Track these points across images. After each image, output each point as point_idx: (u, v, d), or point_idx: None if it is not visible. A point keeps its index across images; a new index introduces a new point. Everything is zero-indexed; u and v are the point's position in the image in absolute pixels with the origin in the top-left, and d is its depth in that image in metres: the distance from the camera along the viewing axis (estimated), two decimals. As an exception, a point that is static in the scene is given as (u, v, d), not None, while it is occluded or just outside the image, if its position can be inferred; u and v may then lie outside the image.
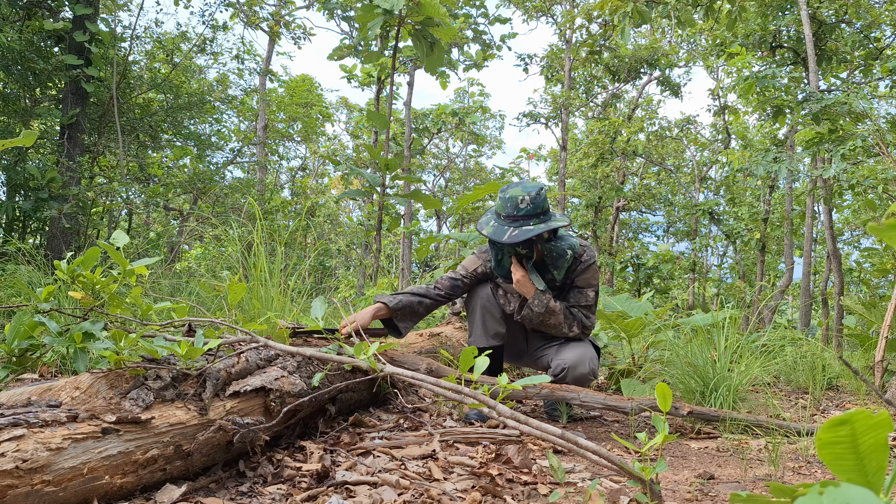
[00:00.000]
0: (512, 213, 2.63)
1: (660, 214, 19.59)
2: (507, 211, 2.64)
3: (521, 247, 2.69)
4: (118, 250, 1.94)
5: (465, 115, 18.37)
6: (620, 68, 13.62)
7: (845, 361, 1.83)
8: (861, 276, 12.45)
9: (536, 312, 2.73)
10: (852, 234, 17.48)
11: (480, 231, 2.67)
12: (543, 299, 2.72)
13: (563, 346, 2.85)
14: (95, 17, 7.03)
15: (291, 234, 9.70)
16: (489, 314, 2.82)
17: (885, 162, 6.31)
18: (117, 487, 1.40)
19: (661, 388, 1.50)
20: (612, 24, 11.55)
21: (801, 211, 12.10)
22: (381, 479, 1.66)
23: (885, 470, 0.67)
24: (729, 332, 3.27)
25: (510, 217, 2.63)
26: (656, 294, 13.26)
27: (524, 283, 2.72)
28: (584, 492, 1.70)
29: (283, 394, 1.88)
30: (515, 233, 2.60)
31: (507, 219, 2.64)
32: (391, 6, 5.57)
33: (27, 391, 1.49)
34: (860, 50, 9.16)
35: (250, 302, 3.06)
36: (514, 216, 2.63)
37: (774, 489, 0.69)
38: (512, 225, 2.62)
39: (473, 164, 24.76)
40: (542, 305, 2.72)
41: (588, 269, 2.80)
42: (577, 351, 2.77)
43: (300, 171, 22.47)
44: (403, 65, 13.54)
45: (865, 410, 0.65)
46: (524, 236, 2.58)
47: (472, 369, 1.74)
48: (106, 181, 7.86)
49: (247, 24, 11.87)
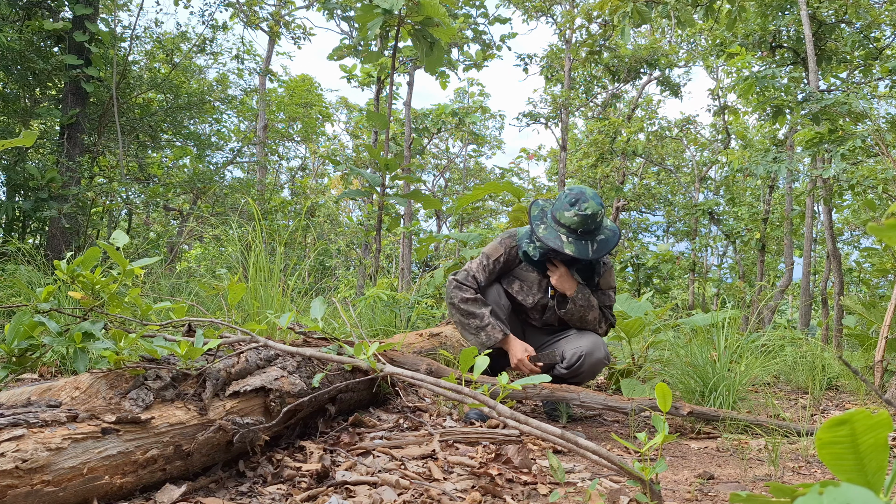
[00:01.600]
0: (590, 228, 2.64)
1: (660, 214, 19.60)
2: (587, 227, 2.63)
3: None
4: (118, 250, 1.94)
5: (464, 115, 18.36)
6: (620, 68, 13.62)
7: (845, 361, 1.83)
8: (861, 276, 12.45)
9: (580, 306, 2.80)
10: (852, 234, 17.47)
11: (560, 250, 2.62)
12: (586, 293, 2.81)
13: (571, 336, 2.87)
14: (95, 17, 7.03)
15: (291, 234, 9.70)
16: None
17: (885, 162, 6.31)
18: (117, 487, 1.40)
19: (661, 388, 1.50)
20: (611, 24, 11.55)
21: (801, 211, 12.10)
22: (381, 479, 1.66)
23: (885, 470, 0.67)
24: (729, 332, 3.27)
25: (588, 232, 2.65)
26: (656, 294, 13.25)
27: (566, 279, 2.77)
28: (584, 492, 1.70)
29: (282, 394, 1.88)
30: (596, 247, 2.65)
31: (584, 234, 2.65)
32: (391, 6, 5.57)
33: (27, 391, 1.49)
34: (860, 50, 9.16)
35: (250, 302, 3.06)
36: (592, 230, 2.65)
37: (774, 489, 0.69)
38: (589, 238, 2.66)
39: (473, 164, 24.76)
40: (585, 299, 2.80)
41: (609, 271, 2.91)
42: (589, 338, 2.81)
43: (300, 171, 22.48)
44: (403, 65, 13.54)
45: (865, 410, 0.65)
46: (606, 250, 2.65)
47: (472, 369, 1.74)
48: (106, 181, 7.86)
49: (247, 24, 11.87)
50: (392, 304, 4.99)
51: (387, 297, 5.01)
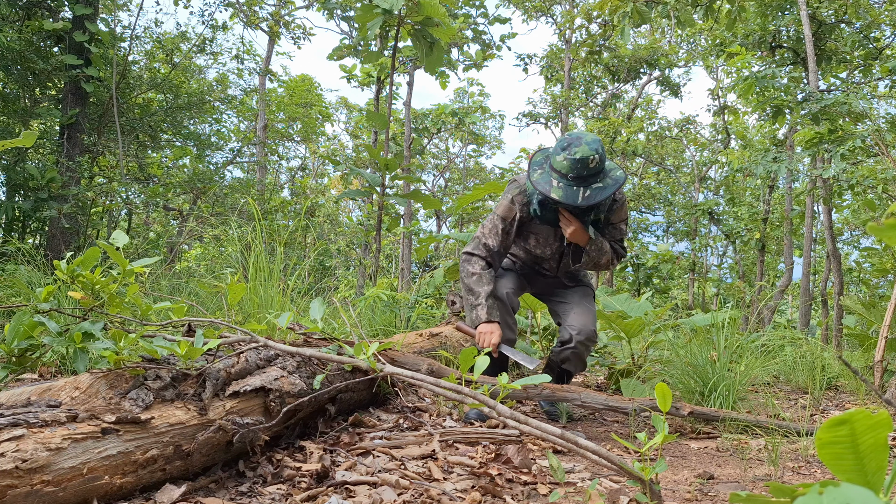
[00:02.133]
0: (582, 174, 2.50)
1: (659, 214, 19.60)
2: (577, 172, 2.50)
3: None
4: (118, 250, 1.94)
5: (464, 115, 18.37)
6: (620, 68, 13.63)
7: (845, 361, 1.83)
8: (861, 276, 12.44)
9: (594, 258, 2.79)
10: (852, 234, 17.47)
11: (547, 194, 2.53)
12: (598, 244, 2.77)
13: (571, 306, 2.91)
14: (95, 17, 7.03)
15: (291, 234, 9.69)
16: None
17: (885, 162, 6.31)
18: (117, 487, 1.40)
19: (661, 388, 1.50)
20: (611, 24, 11.54)
21: (801, 211, 12.10)
22: (380, 479, 1.66)
23: (885, 470, 0.67)
24: (728, 332, 3.27)
25: (580, 178, 2.51)
26: (656, 294, 13.25)
27: (579, 234, 2.72)
28: (583, 492, 1.70)
29: (282, 394, 1.88)
30: (588, 193, 2.51)
31: (576, 180, 2.51)
32: (391, 6, 5.57)
33: (27, 391, 1.49)
34: (860, 50, 9.16)
35: (250, 302, 3.06)
36: (584, 176, 2.51)
37: (774, 489, 0.69)
38: (582, 185, 2.51)
39: (473, 164, 24.76)
40: (598, 249, 2.77)
41: (622, 206, 2.82)
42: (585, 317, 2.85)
43: (300, 171, 22.47)
44: (403, 65, 13.54)
45: (865, 410, 0.65)
46: (599, 197, 2.51)
47: (472, 369, 1.74)
48: (106, 181, 7.86)
49: (246, 24, 11.87)
50: (392, 304, 4.99)
51: (387, 297, 5.01)
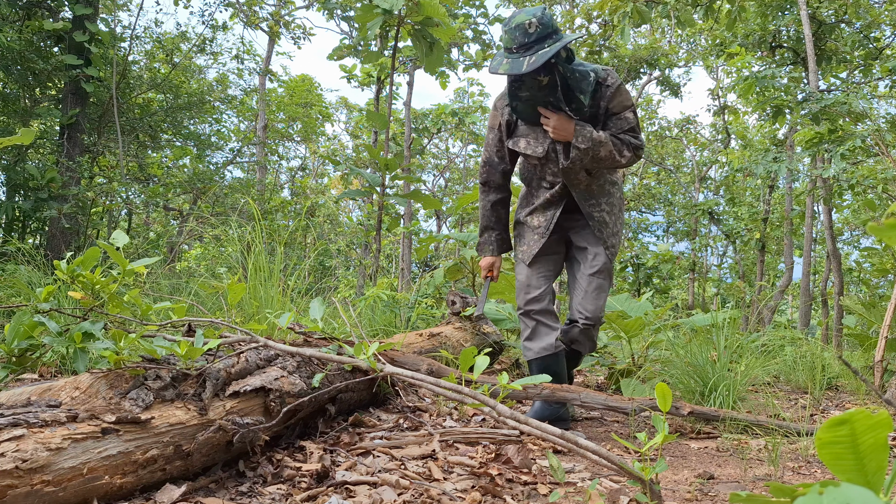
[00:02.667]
0: (523, 42, 2.40)
1: (659, 214, 19.61)
2: (518, 41, 2.41)
3: (541, 73, 2.46)
4: (118, 250, 1.94)
5: (464, 115, 18.36)
6: (620, 68, 13.61)
7: (845, 361, 1.83)
8: (861, 275, 12.44)
9: (584, 149, 2.54)
10: (852, 234, 17.47)
11: (496, 72, 2.43)
12: (585, 133, 2.53)
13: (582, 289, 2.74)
14: (95, 17, 7.04)
15: (291, 234, 9.70)
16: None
17: (885, 162, 6.31)
18: (117, 487, 1.40)
19: (661, 388, 1.50)
20: (611, 24, 11.54)
21: (801, 211, 12.10)
22: (380, 479, 1.66)
23: (885, 470, 0.67)
24: (728, 332, 3.27)
25: (523, 46, 2.41)
26: (656, 294, 13.25)
27: (562, 123, 2.53)
28: (583, 492, 1.70)
29: (282, 394, 1.88)
30: (533, 59, 2.38)
31: (520, 49, 2.41)
32: (391, 6, 5.57)
33: (27, 391, 1.49)
34: (860, 50, 9.16)
35: (250, 302, 3.06)
36: (526, 43, 2.40)
37: (774, 489, 0.69)
38: (526, 54, 2.40)
39: (473, 164, 24.75)
40: (587, 139, 2.53)
41: (617, 90, 2.59)
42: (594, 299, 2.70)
43: (300, 171, 22.47)
44: (403, 65, 13.54)
45: (865, 410, 0.65)
46: (543, 59, 2.37)
47: (472, 369, 1.74)
48: (106, 181, 7.86)
49: (246, 24, 11.87)
50: (392, 304, 4.99)
51: (387, 297, 5.00)
